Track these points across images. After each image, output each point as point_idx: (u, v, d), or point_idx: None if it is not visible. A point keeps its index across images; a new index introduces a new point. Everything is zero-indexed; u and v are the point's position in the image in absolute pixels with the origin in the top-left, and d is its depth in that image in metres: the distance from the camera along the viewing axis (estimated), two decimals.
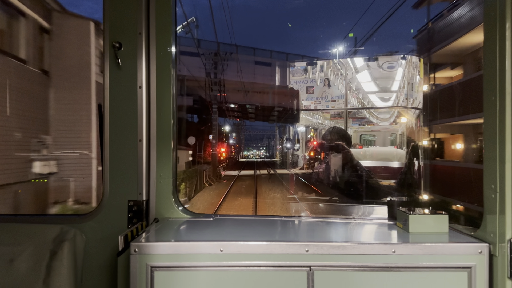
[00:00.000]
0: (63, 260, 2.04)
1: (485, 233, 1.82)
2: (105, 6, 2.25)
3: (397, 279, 1.76)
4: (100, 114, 2.27)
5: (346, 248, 1.78)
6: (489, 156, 1.79)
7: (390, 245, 1.78)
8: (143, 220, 2.23)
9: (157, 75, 2.29)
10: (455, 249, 1.78)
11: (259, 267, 1.77)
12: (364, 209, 3.14)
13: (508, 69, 1.69)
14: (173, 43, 2.30)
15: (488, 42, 1.80)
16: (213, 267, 1.77)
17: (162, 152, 2.30)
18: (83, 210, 10.68)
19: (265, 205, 15.83)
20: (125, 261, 1.83)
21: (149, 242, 1.80)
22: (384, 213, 2.36)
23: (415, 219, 2.00)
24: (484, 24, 1.83)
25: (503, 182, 1.70)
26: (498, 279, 1.74)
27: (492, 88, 1.76)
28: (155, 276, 1.76)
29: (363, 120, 20.65)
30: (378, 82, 17.89)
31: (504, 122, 1.69)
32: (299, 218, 2.42)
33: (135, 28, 2.24)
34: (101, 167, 2.30)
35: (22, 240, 2.10)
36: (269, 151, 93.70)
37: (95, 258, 2.22)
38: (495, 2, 1.75)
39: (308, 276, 1.76)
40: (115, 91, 2.25)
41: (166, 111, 2.30)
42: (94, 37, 12.26)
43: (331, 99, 18.90)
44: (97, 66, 12.20)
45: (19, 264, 2.05)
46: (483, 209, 1.84)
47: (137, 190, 2.24)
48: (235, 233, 2.07)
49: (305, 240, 1.82)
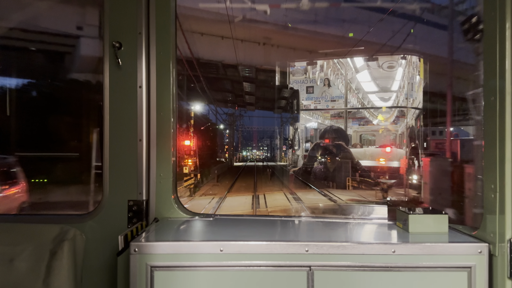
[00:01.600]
0: (63, 259, 2.04)
1: (485, 233, 1.82)
2: (105, 6, 2.24)
3: (397, 279, 1.76)
4: (100, 113, 2.27)
5: (346, 248, 1.78)
6: (489, 156, 1.79)
7: (390, 245, 1.78)
8: (143, 220, 2.23)
9: (157, 75, 2.29)
10: (455, 249, 1.78)
11: (259, 267, 1.77)
12: (364, 209, 3.15)
13: (508, 69, 1.69)
14: (173, 42, 2.30)
15: (488, 42, 1.80)
16: (213, 267, 1.77)
17: (162, 152, 2.30)
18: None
19: None
20: (125, 261, 1.83)
21: (149, 242, 1.80)
22: (384, 213, 2.37)
23: (415, 219, 2.00)
24: (484, 24, 1.83)
25: (502, 182, 1.70)
26: (498, 279, 1.74)
27: (492, 88, 1.76)
28: (155, 276, 1.76)
29: (363, 120, 20.62)
30: (378, 82, 17.87)
31: (504, 122, 1.69)
32: (299, 218, 2.41)
33: (135, 28, 2.23)
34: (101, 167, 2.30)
35: (22, 240, 2.10)
36: (270, 152, 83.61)
37: (95, 258, 2.22)
38: (495, 2, 1.75)
39: (308, 276, 1.76)
40: (115, 91, 2.25)
41: (166, 111, 2.30)
42: None
43: (331, 99, 18.87)
44: None
45: (19, 264, 2.05)
46: (483, 209, 1.84)
47: (137, 190, 2.24)
48: (235, 233, 2.06)
49: (305, 240, 1.82)
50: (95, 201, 2.54)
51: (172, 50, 2.30)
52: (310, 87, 18.87)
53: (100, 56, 2.29)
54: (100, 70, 2.28)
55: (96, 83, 9.60)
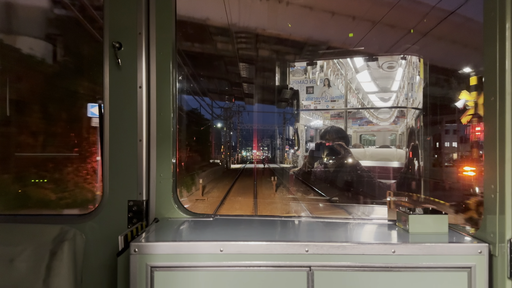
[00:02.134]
0: (63, 260, 2.04)
1: (485, 233, 1.82)
2: (105, 6, 2.25)
3: (397, 279, 1.76)
4: (100, 114, 2.27)
5: (346, 248, 1.78)
6: (489, 156, 1.79)
7: (390, 245, 1.78)
8: (143, 220, 2.23)
9: (157, 75, 2.29)
10: (455, 249, 1.78)
11: (259, 267, 1.77)
12: (364, 209, 3.15)
13: (508, 70, 1.69)
14: (173, 42, 2.30)
15: (488, 42, 1.80)
16: (213, 267, 1.77)
17: (162, 152, 2.30)
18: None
19: None
20: (125, 261, 1.83)
21: (149, 242, 1.80)
22: (384, 213, 2.36)
23: (415, 219, 2.00)
24: (484, 24, 1.83)
25: (502, 182, 1.70)
26: (498, 279, 1.74)
27: (492, 89, 1.76)
28: (155, 276, 1.76)
29: (363, 120, 20.64)
30: (378, 82, 17.89)
31: (504, 123, 1.69)
32: (299, 218, 2.42)
33: (135, 28, 2.24)
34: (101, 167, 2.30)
35: (22, 240, 2.10)
36: (271, 152, 76.89)
37: (95, 258, 2.22)
38: (495, 2, 1.75)
39: (308, 276, 1.76)
40: (115, 91, 2.25)
41: (166, 111, 2.30)
42: None
43: (331, 99, 18.88)
44: None
45: (19, 264, 2.05)
46: (483, 209, 1.84)
47: (137, 190, 2.24)
48: (235, 233, 2.07)
49: (305, 240, 1.82)
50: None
51: (172, 50, 2.30)
52: (310, 87, 18.90)
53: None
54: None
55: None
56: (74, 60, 8.41)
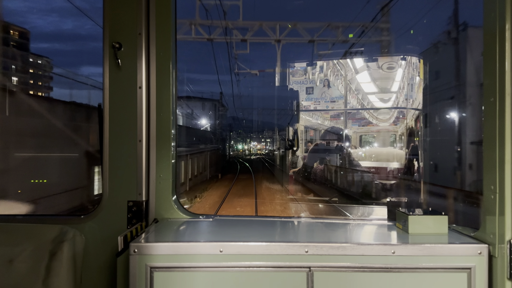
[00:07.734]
0: (62, 260, 2.04)
1: (485, 234, 1.82)
2: (105, 6, 2.24)
3: (396, 280, 1.76)
4: (100, 114, 2.27)
5: (346, 249, 1.78)
6: (489, 157, 1.79)
7: (390, 246, 1.78)
8: (142, 221, 2.23)
9: (157, 76, 2.29)
10: (455, 250, 1.77)
11: (258, 268, 1.77)
12: (363, 209, 3.15)
13: (507, 70, 1.69)
14: (173, 43, 2.30)
15: (488, 43, 1.80)
16: (213, 268, 1.77)
17: (161, 152, 2.29)
18: None
19: None
20: (125, 262, 1.83)
21: (149, 242, 1.80)
22: (384, 213, 2.36)
23: (415, 220, 2.00)
24: (484, 24, 1.83)
25: (502, 183, 1.70)
26: (497, 280, 1.74)
27: (492, 89, 1.76)
28: (155, 277, 1.76)
29: (363, 121, 20.64)
30: (377, 82, 17.89)
31: (504, 124, 1.69)
32: (298, 218, 2.42)
33: (135, 28, 2.23)
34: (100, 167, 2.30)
35: (22, 240, 2.10)
36: (272, 145, 67.62)
37: (95, 259, 2.22)
38: (495, 3, 1.75)
39: (307, 277, 1.75)
40: (115, 92, 2.25)
41: (166, 111, 2.29)
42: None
43: (331, 100, 18.89)
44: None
45: (19, 264, 2.05)
46: (483, 210, 1.84)
47: (137, 191, 2.24)
48: (234, 233, 2.06)
49: (304, 241, 1.82)
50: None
51: (172, 50, 2.30)
52: (310, 88, 18.90)
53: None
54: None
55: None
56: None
